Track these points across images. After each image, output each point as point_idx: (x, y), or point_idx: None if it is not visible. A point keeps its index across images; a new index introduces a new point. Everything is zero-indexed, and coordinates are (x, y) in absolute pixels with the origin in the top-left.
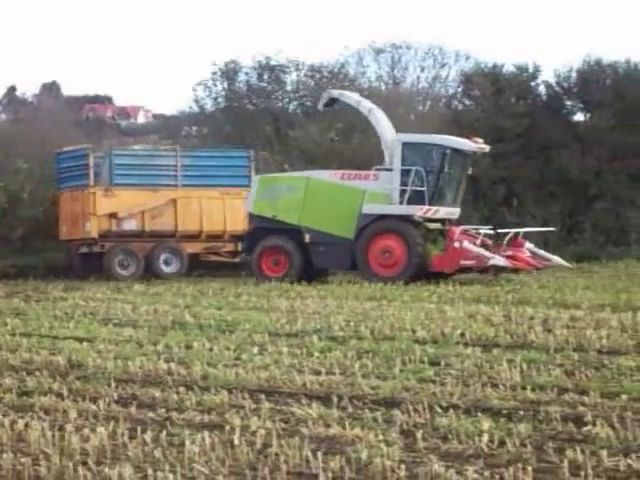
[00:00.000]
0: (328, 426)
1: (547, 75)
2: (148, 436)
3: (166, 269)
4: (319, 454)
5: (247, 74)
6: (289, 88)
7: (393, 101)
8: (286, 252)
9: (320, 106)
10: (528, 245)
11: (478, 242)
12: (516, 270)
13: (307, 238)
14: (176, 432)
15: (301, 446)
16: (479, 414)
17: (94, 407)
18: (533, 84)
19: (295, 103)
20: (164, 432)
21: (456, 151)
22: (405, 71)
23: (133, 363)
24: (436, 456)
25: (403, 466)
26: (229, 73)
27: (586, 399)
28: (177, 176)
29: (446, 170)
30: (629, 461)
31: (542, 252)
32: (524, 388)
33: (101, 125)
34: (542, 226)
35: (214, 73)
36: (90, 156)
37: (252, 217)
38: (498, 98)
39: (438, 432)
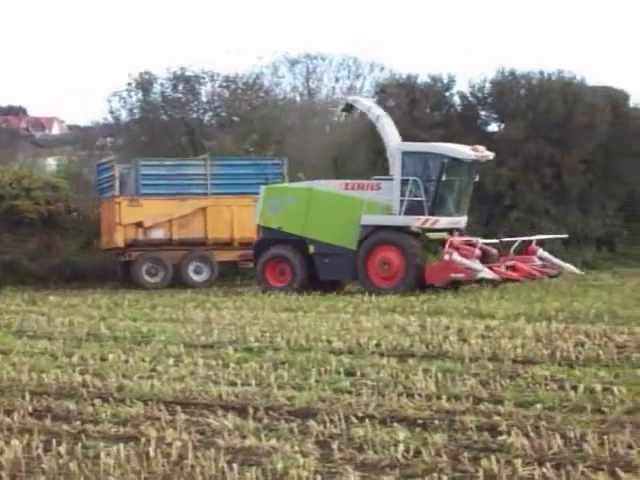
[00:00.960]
0: (244, 437)
1: (461, 85)
2: (63, 449)
3: (196, 277)
4: (235, 465)
5: (162, 85)
6: (204, 99)
7: (308, 112)
8: (290, 263)
9: (339, 111)
10: (541, 253)
11: (478, 252)
12: (518, 280)
13: (312, 249)
14: (91, 444)
15: (217, 457)
16: (395, 424)
17: (8, 420)
18: (447, 94)
19: (210, 114)
20: (79, 445)
21: (455, 160)
22: (320, 82)
23: (48, 375)
24: (352, 466)
25: (319, 477)
26: (144, 84)
27: (501, 408)
28: (207, 185)
29: (445, 179)
30: (543, 470)
31: (555, 260)
32: (439, 398)
33: (15, 136)
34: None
35: (129, 84)
36: (116, 167)
37: (259, 228)
38: (413, 108)
39: (354, 442)
